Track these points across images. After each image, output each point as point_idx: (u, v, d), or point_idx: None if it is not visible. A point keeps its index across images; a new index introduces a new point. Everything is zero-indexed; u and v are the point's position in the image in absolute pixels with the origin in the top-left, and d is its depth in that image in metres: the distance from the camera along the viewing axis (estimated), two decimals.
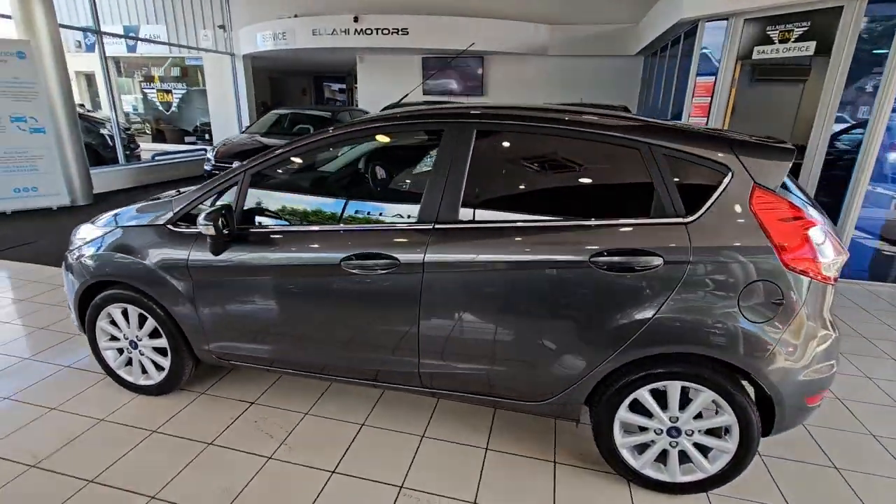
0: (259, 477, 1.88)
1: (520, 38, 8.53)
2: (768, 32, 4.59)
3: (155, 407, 2.29)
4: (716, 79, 5.00)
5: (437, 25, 8.21)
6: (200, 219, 1.89)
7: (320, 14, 8.80)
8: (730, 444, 1.75)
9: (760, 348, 1.62)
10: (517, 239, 1.77)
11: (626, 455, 1.86)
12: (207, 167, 6.92)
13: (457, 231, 1.81)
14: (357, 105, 11.10)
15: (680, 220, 1.66)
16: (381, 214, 2.05)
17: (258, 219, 2.10)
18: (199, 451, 2.01)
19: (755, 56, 4.71)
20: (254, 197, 2.10)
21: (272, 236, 2.02)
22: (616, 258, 1.68)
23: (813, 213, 1.68)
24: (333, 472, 1.92)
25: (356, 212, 2.10)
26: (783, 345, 1.62)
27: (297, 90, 16.46)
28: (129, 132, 9.87)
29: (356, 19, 8.30)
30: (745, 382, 1.72)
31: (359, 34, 8.43)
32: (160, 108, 12.22)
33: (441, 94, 9.53)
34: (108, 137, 9.02)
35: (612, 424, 1.83)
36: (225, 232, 1.93)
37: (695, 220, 1.65)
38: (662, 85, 6.89)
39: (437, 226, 1.83)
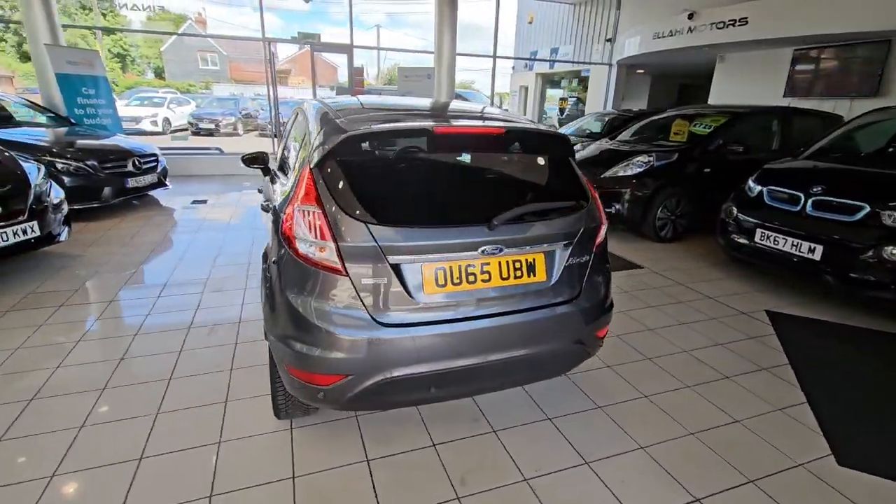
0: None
1: None
2: None
3: None
4: None
5: (786, 7, 6.27)
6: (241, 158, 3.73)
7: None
8: None
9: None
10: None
11: None
12: None
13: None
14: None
15: None
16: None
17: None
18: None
19: None
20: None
21: (268, 171, 3.60)
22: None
23: (324, 204, 1.70)
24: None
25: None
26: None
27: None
28: None
29: (691, 16, 7.51)
30: None
31: (692, 32, 7.60)
32: (556, 112, 14.82)
33: (811, 98, 7.15)
34: None
35: None
36: (257, 168, 3.68)
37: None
38: None
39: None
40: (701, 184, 5.30)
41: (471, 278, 1.78)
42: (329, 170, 1.75)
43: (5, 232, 3.39)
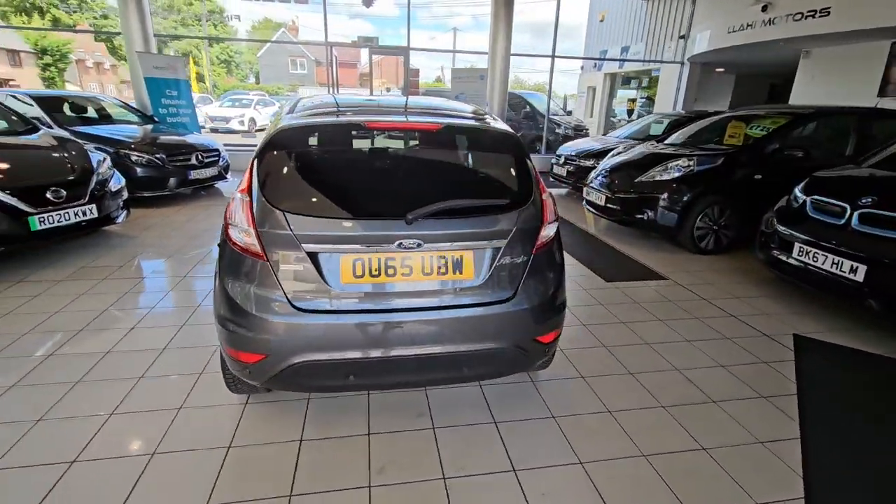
0: None
1: None
2: None
3: None
4: None
5: None
6: None
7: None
8: None
9: None
10: None
11: None
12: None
13: None
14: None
15: None
16: None
17: None
18: None
19: None
20: None
21: None
22: None
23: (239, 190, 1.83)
24: None
25: None
26: None
27: None
28: (579, 130, 12.41)
29: (764, 8, 6.77)
30: None
31: (768, 25, 6.85)
32: (624, 113, 14.06)
33: None
34: (559, 135, 11.98)
35: None
36: None
37: None
38: None
39: None
40: (751, 192, 4.81)
41: (390, 271, 1.81)
42: (265, 160, 1.87)
43: (68, 212, 3.94)
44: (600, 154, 6.99)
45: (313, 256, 1.76)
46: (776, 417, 2.38)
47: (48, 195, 3.82)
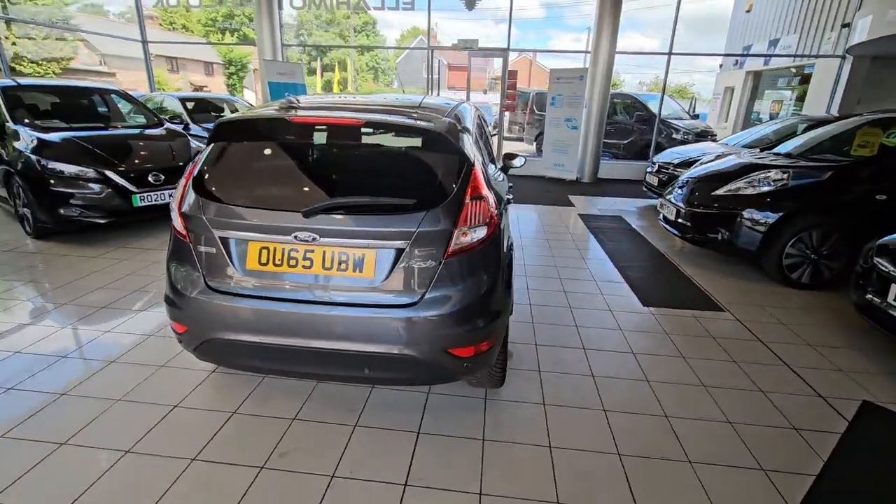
0: None
1: None
2: None
3: None
4: None
5: None
6: None
7: None
8: None
9: None
10: None
11: None
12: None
13: None
14: None
15: None
16: None
17: None
18: None
19: None
20: None
21: None
22: None
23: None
24: None
25: None
26: None
27: None
28: (703, 136, 10.98)
29: None
30: None
31: None
32: (766, 116, 11.92)
33: None
34: (677, 140, 10.80)
35: None
36: None
37: None
38: None
39: None
40: (871, 216, 3.80)
41: (292, 262, 1.85)
42: (206, 151, 2.05)
43: (163, 193, 4.74)
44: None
45: (224, 241, 1.89)
46: (766, 497, 1.87)
47: (149, 178, 4.64)
